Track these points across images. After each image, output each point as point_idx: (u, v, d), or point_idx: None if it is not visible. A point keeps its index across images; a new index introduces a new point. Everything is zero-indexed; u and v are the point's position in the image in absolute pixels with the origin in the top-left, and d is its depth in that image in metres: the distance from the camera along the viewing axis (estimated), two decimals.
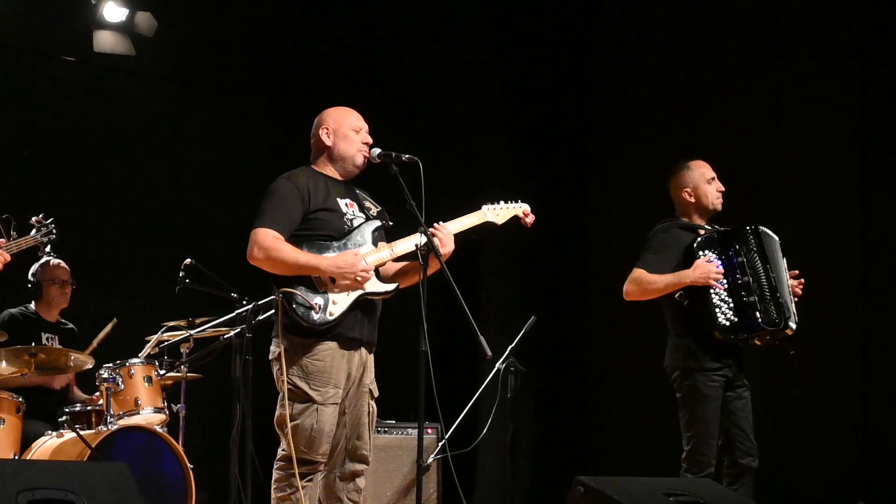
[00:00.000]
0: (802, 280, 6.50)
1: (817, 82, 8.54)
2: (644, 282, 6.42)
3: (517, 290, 9.79)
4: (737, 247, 6.34)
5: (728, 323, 6.27)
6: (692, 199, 6.54)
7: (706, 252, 6.35)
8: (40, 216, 6.13)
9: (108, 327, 7.57)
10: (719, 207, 6.53)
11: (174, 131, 9.58)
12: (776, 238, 6.47)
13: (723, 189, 6.53)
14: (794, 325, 6.31)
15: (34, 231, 6.06)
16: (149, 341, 7.48)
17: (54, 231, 6.12)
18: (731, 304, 6.28)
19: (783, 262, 6.45)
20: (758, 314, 6.24)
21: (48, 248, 6.07)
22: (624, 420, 9.47)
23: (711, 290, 6.28)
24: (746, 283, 6.28)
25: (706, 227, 6.51)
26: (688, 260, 6.38)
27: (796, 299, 6.44)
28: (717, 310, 6.28)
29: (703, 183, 6.53)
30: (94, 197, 9.14)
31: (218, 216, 9.44)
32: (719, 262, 6.32)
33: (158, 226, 9.33)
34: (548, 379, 9.57)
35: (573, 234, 9.97)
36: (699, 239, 6.41)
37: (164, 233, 9.28)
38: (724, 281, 6.31)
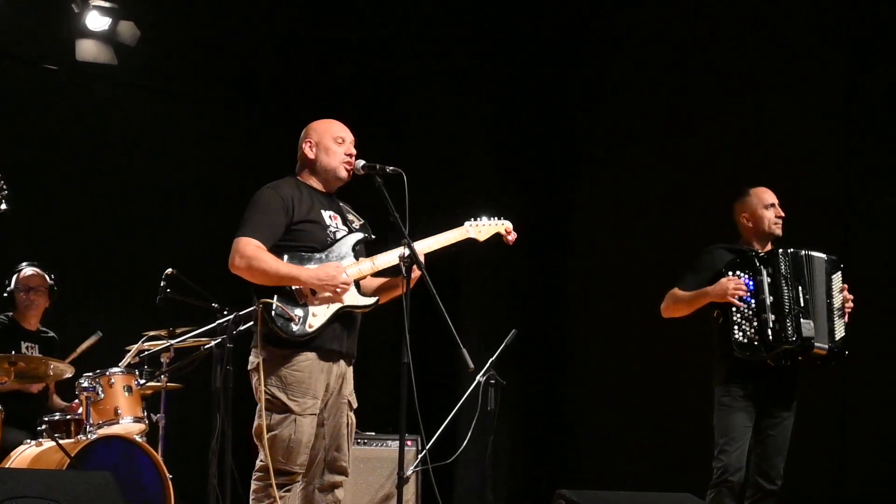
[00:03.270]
0: (849, 295, 6.64)
1: (801, 98, 8.58)
2: (673, 297, 6.66)
3: (498, 302, 9.80)
4: (762, 268, 6.51)
5: (745, 340, 6.44)
6: (750, 225, 6.73)
7: (737, 273, 6.52)
8: None
9: (92, 340, 7.53)
10: (777, 232, 6.70)
11: (156, 140, 9.57)
12: (821, 257, 6.62)
13: (782, 215, 6.71)
14: (823, 345, 6.45)
15: None
16: (129, 350, 7.46)
17: (5, 186, 5.99)
18: (755, 323, 6.44)
19: (829, 282, 6.60)
20: (769, 332, 6.39)
21: (3, 206, 5.94)
22: (605, 433, 9.48)
23: (733, 309, 6.45)
24: (763, 301, 6.45)
25: (754, 250, 6.65)
26: (718, 279, 6.55)
27: (845, 318, 6.59)
28: (736, 327, 6.45)
29: (760, 208, 6.71)
30: (75, 204, 9.12)
31: (200, 225, 9.43)
32: (750, 283, 6.48)
33: (140, 235, 9.31)
34: (528, 392, 9.57)
35: (555, 247, 9.99)
36: (731, 261, 6.59)
37: (146, 242, 9.26)
38: (752, 301, 6.47)
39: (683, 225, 8.88)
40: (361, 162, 5.59)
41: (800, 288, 6.48)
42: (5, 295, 7.80)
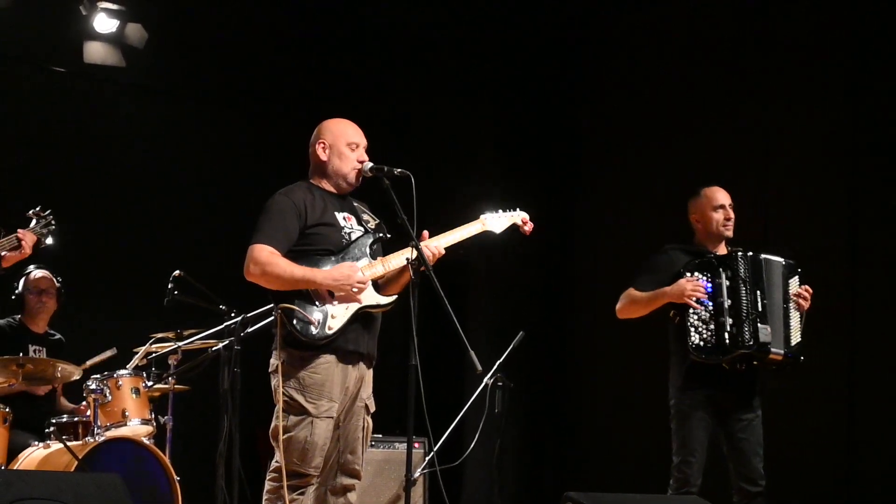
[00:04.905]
0: (808, 290, 6.58)
1: (806, 98, 8.57)
2: (629, 297, 6.64)
3: (505, 305, 9.79)
4: (721, 271, 6.47)
5: (702, 343, 6.40)
6: (700, 226, 6.72)
7: (695, 274, 6.48)
8: (37, 208, 6.02)
9: (107, 354, 7.53)
10: (727, 234, 6.67)
11: (163, 142, 9.58)
12: (778, 261, 6.60)
13: (731, 216, 6.67)
14: (779, 350, 6.42)
15: (33, 223, 5.94)
16: (137, 353, 7.47)
17: (53, 222, 6.01)
18: (712, 326, 6.40)
19: (785, 286, 6.57)
20: (726, 336, 6.35)
21: (49, 240, 5.96)
22: (611, 436, 9.48)
23: (691, 311, 6.42)
24: (721, 304, 6.40)
25: (709, 252, 6.62)
26: (676, 280, 6.50)
27: (798, 313, 6.55)
28: (693, 329, 6.41)
29: (709, 210, 6.67)
30: (83, 207, 9.12)
31: (207, 228, 9.44)
32: (708, 285, 6.44)
33: (148, 237, 9.32)
34: (536, 394, 9.57)
35: (562, 249, 9.99)
36: (689, 262, 6.55)
37: (154, 244, 9.26)
38: (710, 303, 6.43)
39: (687, 226, 8.87)
40: (369, 164, 5.58)
41: (758, 292, 6.43)
42: (13, 297, 7.80)
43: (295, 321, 5.33)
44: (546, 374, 9.79)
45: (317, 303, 5.38)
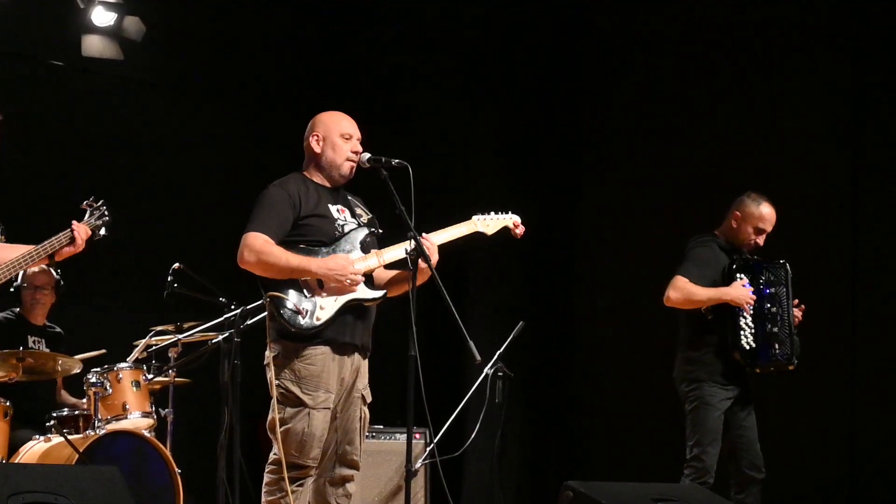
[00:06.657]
0: (803, 307, 6.70)
1: (807, 98, 8.58)
2: (689, 292, 6.59)
3: (505, 294, 9.79)
4: (765, 277, 6.57)
5: (748, 347, 6.51)
6: (734, 226, 6.73)
7: (742, 276, 6.57)
8: (90, 199, 5.96)
9: (94, 354, 7.54)
10: (747, 251, 6.71)
11: (161, 135, 9.56)
12: (789, 271, 6.69)
13: (760, 244, 6.70)
14: (796, 361, 6.59)
15: (87, 216, 5.90)
16: (137, 346, 7.47)
17: (107, 213, 5.96)
18: (754, 330, 6.51)
19: (790, 295, 6.67)
20: (777, 345, 6.51)
21: (103, 231, 5.92)
22: (612, 425, 9.49)
23: (741, 313, 6.50)
24: (773, 313, 6.52)
25: (745, 252, 6.69)
26: (726, 279, 6.61)
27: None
28: (742, 332, 6.51)
29: (750, 226, 6.68)
30: (81, 200, 9.08)
31: (206, 220, 9.42)
32: (751, 288, 6.51)
33: (147, 230, 9.30)
34: (536, 384, 9.57)
35: (562, 239, 9.99)
36: (738, 262, 6.63)
37: (153, 237, 9.25)
38: (753, 307, 6.52)
39: (690, 218, 8.88)
40: (367, 155, 5.59)
41: (786, 301, 6.56)
42: (11, 290, 7.79)
43: (283, 310, 5.34)
44: (546, 363, 9.80)
45: (306, 293, 5.40)
